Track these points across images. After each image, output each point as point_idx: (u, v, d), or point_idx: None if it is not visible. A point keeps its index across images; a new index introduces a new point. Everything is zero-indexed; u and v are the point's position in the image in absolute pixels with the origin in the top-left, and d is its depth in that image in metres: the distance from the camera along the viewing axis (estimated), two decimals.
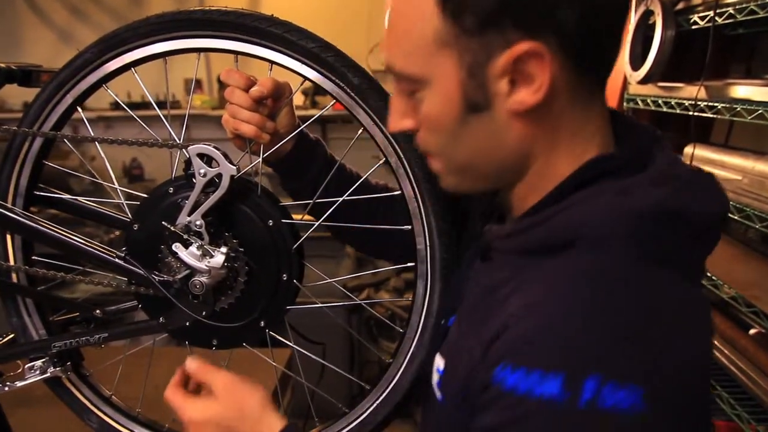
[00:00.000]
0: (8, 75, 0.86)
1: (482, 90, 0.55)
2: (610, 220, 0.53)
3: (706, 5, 1.42)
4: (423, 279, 0.80)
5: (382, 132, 0.77)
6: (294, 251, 0.81)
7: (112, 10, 3.69)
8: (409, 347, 0.82)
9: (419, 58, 0.56)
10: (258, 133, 0.80)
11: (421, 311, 0.81)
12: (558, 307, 0.51)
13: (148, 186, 3.58)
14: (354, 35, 0.91)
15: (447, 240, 0.79)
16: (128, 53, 0.80)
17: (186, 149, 0.77)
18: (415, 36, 0.55)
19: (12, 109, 3.66)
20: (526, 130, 0.57)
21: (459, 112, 0.57)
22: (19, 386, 0.90)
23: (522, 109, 0.55)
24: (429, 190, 0.77)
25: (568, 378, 0.47)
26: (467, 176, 0.63)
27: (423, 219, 0.79)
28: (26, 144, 0.84)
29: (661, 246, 0.53)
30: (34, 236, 0.85)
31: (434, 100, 0.57)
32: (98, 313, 0.86)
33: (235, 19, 0.76)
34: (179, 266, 0.78)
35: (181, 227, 0.77)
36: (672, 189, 0.53)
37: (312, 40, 0.75)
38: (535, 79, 0.53)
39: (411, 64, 0.57)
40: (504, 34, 0.52)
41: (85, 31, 3.61)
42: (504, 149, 0.58)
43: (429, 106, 0.58)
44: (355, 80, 0.75)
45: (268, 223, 0.80)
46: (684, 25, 1.48)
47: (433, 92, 0.57)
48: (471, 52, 0.54)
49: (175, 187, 0.80)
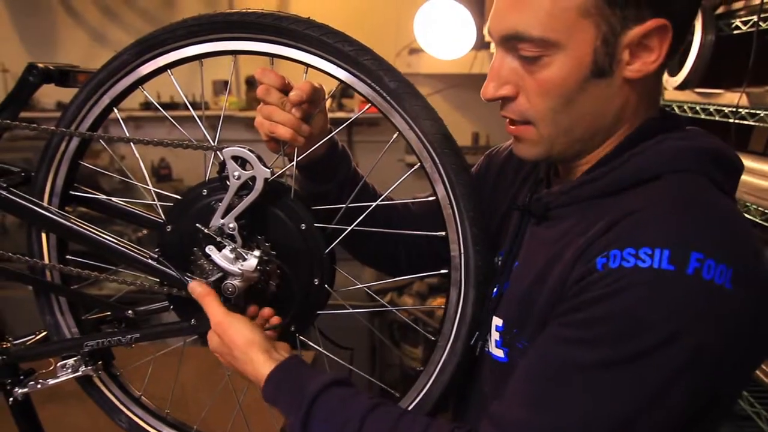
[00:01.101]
0: (46, 75, 0.86)
1: (610, 57, 0.63)
2: (686, 156, 0.64)
3: (748, 9, 1.38)
4: (456, 287, 0.78)
5: (418, 136, 0.76)
6: (326, 255, 0.80)
7: (143, 11, 3.74)
8: (440, 356, 0.80)
9: (561, 23, 0.61)
10: (294, 135, 0.79)
11: (453, 319, 0.79)
12: (660, 207, 0.60)
13: (176, 186, 3.62)
14: (382, 39, 0.90)
15: (482, 247, 0.77)
16: (165, 55, 0.80)
17: (221, 152, 0.76)
18: (560, 4, 0.61)
19: (45, 108, 3.74)
20: (629, 96, 0.66)
21: (584, 76, 0.63)
22: (51, 384, 0.91)
23: (637, 76, 0.64)
24: (464, 195, 0.76)
25: (675, 253, 0.55)
26: (561, 141, 0.69)
27: (458, 225, 0.77)
28: (63, 144, 0.85)
29: (721, 178, 0.65)
30: (69, 235, 0.86)
31: (565, 64, 0.63)
32: (130, 313, 0.86)
33: (273, 22, 0.75)
34: (212, 269, 0.78)
35: (214, 230, 0.76)
36: (718, 140, 0.67)
37: (349, 43, 0.74)
38: (654, 51, 0.63)
39: (550, 29, 0.62)
40: (640, 10, 0.61)
41: (117, 32, 3.67)
42: (607, 114, 0.67)
43: (556, 70, 0.63)
44: (392, 84, 0.74)
45: (301, 227, 0.79)
46: (725, 30, 1.43)
47: (566, 56, 0.63)
48: (609, 23, 0.61)
49: (208, 189, 0.80)
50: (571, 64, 0.63)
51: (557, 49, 0.62)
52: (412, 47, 3.10)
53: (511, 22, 0.63)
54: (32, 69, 0.85)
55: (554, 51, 0.62)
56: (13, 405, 0.94)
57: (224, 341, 0.75)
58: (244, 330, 0.74)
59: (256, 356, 0.73)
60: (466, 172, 0.76)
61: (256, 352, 0.73)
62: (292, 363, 0.73)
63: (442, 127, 0.75)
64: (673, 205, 0.60)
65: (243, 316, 0.77)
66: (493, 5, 0.67)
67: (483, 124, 3.39)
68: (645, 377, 0.55)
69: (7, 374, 0.94)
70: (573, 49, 0.62)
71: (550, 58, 0.63)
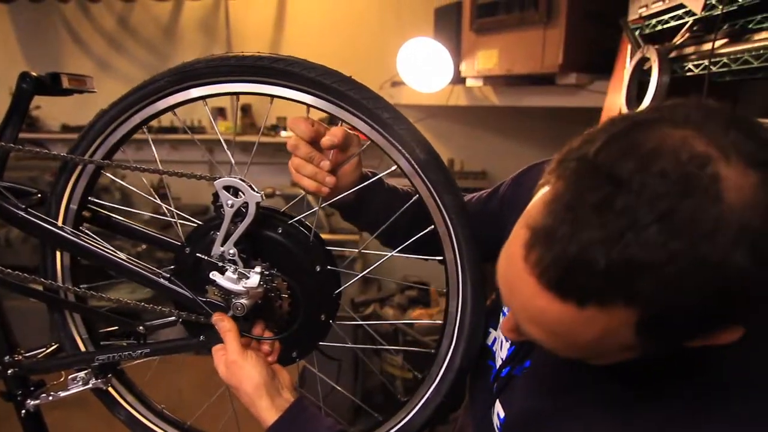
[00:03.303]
0: (38, 81, 0.81)
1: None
2: None
3: (699, 54, 1.42)
4: (448, 338, 0.77)
5: (436, 203, 0.74)
6: (335, 295, 0.80)
7: (146, 41, 3.71)
8: (425, 392, 0.79)
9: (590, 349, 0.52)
10: (318, 188, 0.78)
11: (441, 365, 0.78)
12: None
13: (174, 204, 3.56)
14: (368, 72, 0.92)
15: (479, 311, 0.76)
16: (201, 87, 0.76)
17: (213, 183, 0.75)
18: (599, 344, 0.50)
19: (51, 130, 3.66)
20: None
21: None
22: (61, 396, 0.87)
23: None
24: (472, 261, 0.75)
25: None
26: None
27: (459, 287, 0.76)
28: (79, 167, 0.82)
29: None
30: (83, 255, 0.83)
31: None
32: (141, 329, 0.83)
33: (316, 76, 0.71)
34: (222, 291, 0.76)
35: (216, 257, 0.75)
36: None
37: (386, 110, 0.72)
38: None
39: (575, 351, 0.53)
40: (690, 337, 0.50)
41: (121, 61, 3.62)
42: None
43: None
44: (422, 156, 0.73)
45: (316, 269, 0.78)
46: (678, 72, 1.47)
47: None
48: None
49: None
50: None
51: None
52: (394, 80, 3.13)
53: (533, 331, 0.53)
54: (25, 77, 0.81)
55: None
56: (25, 416, 0.90)
57: (233, 379, 0.76)
58: (253, 373, 0.75)
59: (260, 402, 0.75)
60: (476, 242, 0.75)
61: (261, 397, 0.75)
62: (294, 412, 0.75)
63: (461, 199, 0.75)
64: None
65: (255, 357, 0.77)
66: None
67: (458, 152, 3.42)
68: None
69: (18, 386, 0.90)
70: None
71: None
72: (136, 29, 3.72)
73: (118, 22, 3.73)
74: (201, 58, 0.76)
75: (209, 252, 0.76)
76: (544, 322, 0.50)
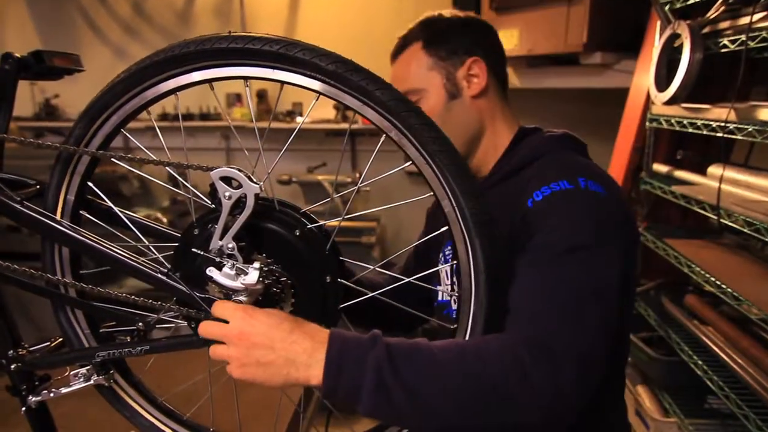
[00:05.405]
0: (21, 61, 0.75)
1: (455, 86, 0.96)
2: (551, 142, 0.93)
3: (735, 29, 1.33)
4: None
5: (453, 207, 0.72)
6: (339, 309, 0.76)
7: (162, 28, 3.70)
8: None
9: (420, 78, 0.96)
10: None
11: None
12: (549, 166, 0.86)
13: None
14: (382, 57, 0.90)
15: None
16: (203, 70, 0.73)
17: (210, 173, 0.70)
18: (415, 68, 0.97)
19: (70, 119, 3.68)
20: (480, 107, 0.97)
21: (444, 101, 0.96)
22: (63, 393, 0.85)
23: (476, 92, 0.96)
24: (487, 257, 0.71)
25: (569, 180, 0.80)
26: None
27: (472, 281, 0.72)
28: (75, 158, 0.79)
29: (574, 148, 0.93)
30: (81, 250, 0.80)
31: (430, 99, 0.96)
32: (140, 326, 0.80)
33: (327, 65, 0.67)
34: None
35: (214, 251, 0.71)
36: (565, 130, 0.95)
37: (418, 116, 0.70)
38: (479, 75, 0.96)
39: (416, 83, 0.96)
40: (459, 56, 0.96)
41: (137, 48, 3.62)
42: (471, 123, 0.97)
43: (428, 104, 0.95)
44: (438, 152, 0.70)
45: (326, 279, 0.75)
46: (712, 48, 1.38)
47: (429, 94, 0.96)
48: (446, 68, 0.96)
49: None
50: (433, 97, 0.95)
51: (423, 92, 0.95)
52: None
53: (399, 86, 0.74)
54: (7, 57, 0.76)
55: (422, 94, 0.95)
56: (28, 411, 0.88)
57: (254, 335, 0.68)
58: (272, 311, 0.71)
59: (304, 327, 0.69)
60: (496, 242, 0.72)
61: (300, 327, 0.69)
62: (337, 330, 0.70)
63: (485, 207, 0.71)
64: (556, 162, 0.86)
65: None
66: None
67: None
68: (600, 251, 0.76)
69: (22, 381, 0.88)
70: (431, 89, 0.95)
71: (423, 100, 0.95)
72: (151, 16, 3.71)
73: (134, 9, 3.72)
74: (199, 38, 0.72)
75: (208, 246, 0.72)
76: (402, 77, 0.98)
